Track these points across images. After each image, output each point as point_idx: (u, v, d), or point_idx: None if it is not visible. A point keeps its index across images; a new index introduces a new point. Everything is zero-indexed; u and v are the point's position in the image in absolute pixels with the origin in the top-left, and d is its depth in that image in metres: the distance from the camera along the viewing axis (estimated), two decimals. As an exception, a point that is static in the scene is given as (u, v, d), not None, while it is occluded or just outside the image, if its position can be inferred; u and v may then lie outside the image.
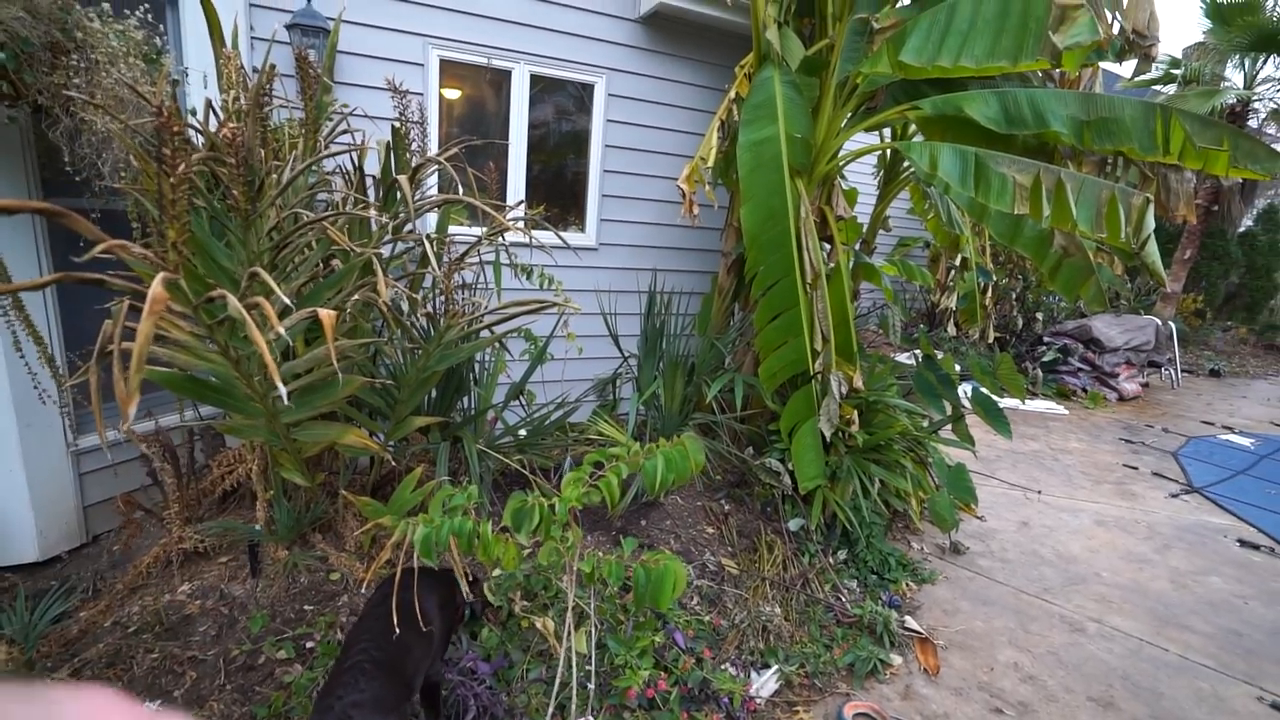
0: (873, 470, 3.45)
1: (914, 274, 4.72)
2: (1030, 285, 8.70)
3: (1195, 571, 3.83)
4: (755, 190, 3.28)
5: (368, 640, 1.69)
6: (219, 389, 2.14)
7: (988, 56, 2.82)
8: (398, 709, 1.61)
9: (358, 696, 1.54)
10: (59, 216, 1.29)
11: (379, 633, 1.71)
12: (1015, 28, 2.77)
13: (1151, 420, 7.15)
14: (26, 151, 2.41)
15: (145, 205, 2.19)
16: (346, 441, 2.38)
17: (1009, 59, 2.77)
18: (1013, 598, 3.42)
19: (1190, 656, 3.02)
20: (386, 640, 1.70)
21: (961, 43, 2.89)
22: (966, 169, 2.94)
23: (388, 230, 2.39)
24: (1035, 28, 2.72)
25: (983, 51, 2.84)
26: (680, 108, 4.53)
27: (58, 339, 2.64)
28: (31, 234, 2.49)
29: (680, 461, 1.55)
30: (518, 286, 3.47)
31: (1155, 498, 4.94)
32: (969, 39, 2.88)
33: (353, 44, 3.48)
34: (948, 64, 2.89)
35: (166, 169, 1.49)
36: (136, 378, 1.32)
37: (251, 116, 1.87)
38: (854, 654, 2.77)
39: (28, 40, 1.86)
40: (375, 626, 1.73)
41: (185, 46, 2.89)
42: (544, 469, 3.34)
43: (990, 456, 5.49)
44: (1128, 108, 2.81)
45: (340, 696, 1.54)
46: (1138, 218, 2.57)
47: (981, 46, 2.85)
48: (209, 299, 1.62)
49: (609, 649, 2.32)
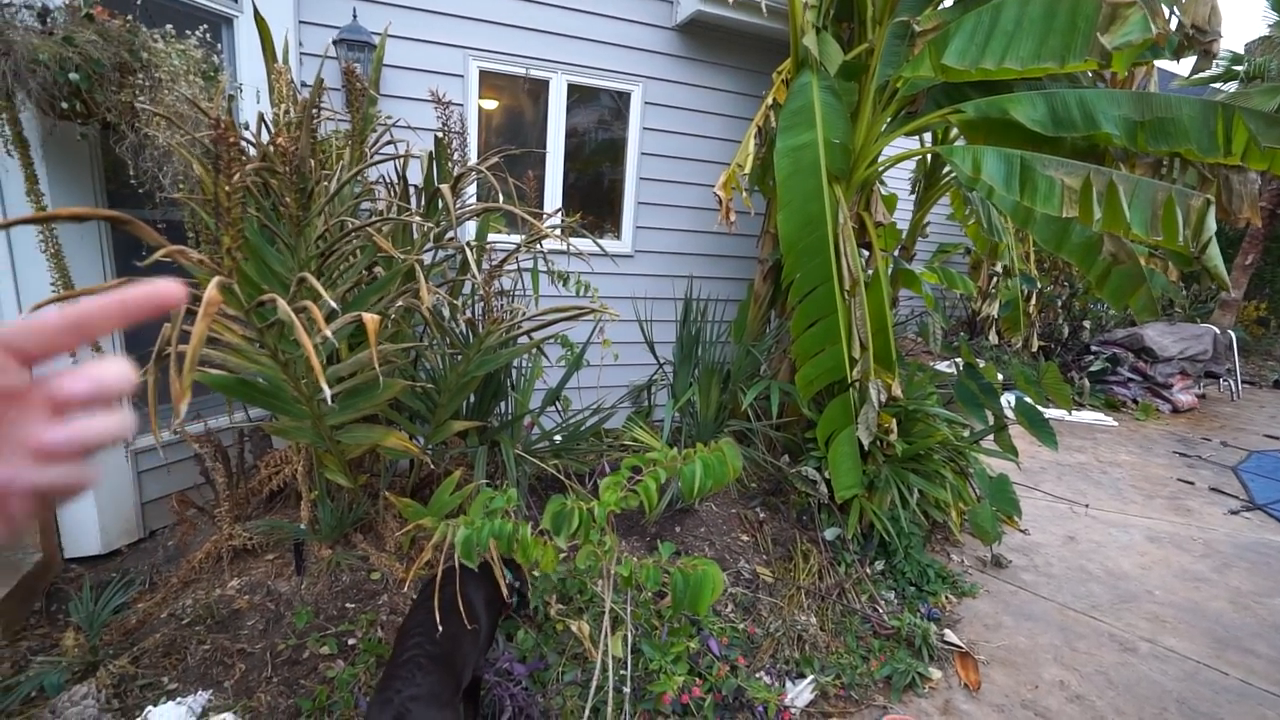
0: (911, 480, 3.38)
1: (954, 281, 4.62)
2: (1077, 293, 8.41)
3: (1258, 592, 3.64)
4: (793, 196, 3.25)
5: (420, 635, 1.74)
6: (267, 391, 2.22)
7: (1034, 58, 2.75)
8: (452, 703, 1.65)
9: (415, 690, 1.58)
10: (124, 224, 1.35)
11: (431, 627, 1.75)
12: (1063, 27, 2.70)
13: (1209, 433, 6.83)
14: (94, 165, 2.55)
15: (201, 215, 2.29)
16: (388, 444, 2.44)
17: (1056, 60, 2.70)
18: (1058, 614, 3.31)
19: (1253, 682, 2.87)
20: (439, 635, 1.74)
21: (1006, 44, 2.82)
22: (1011, 172, 2.86)
23: (429, 237, 2.45)
24: (1085, 27, 2.64)
25: (1029, 53, 2.77)
26: (717, 115, 4.53)
27: (119, 341, 2.77)
28: (97, 242, 2.63)
29: (719, 467, 1.55)
30: (555, 293, 3.51)
31: (1213, 514, 4.72)
32: (1014, 40, 2.81)
33: (395, 57, 3.58)
34: (992, 66, 2.83)
35: (223, 178, 1.56)
36: (189, 376, 1.38)
37: (305, 127, 1.94)
38: (891, 666, 2.71)
39: (99, 62, 1.97)
40: (427, 621, 1.77)
41: (239, 63, 3.02)
42: (579, 474, 3.36)
43: (1034, 468, 5.32)
44: (1185, 107, 2.70)
45: (399, 690, 1.59)
46: (1197, 220, 2.47)
47: (1028, 48, 2.78)
48: (260, 303, 1.69)
49: (644, 654, 2.32)
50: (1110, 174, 2.62)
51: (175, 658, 2.28)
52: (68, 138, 2.37)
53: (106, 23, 2.05)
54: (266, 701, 2.16)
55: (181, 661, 2.28)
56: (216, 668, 2.27)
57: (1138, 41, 2.55)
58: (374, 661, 2.31)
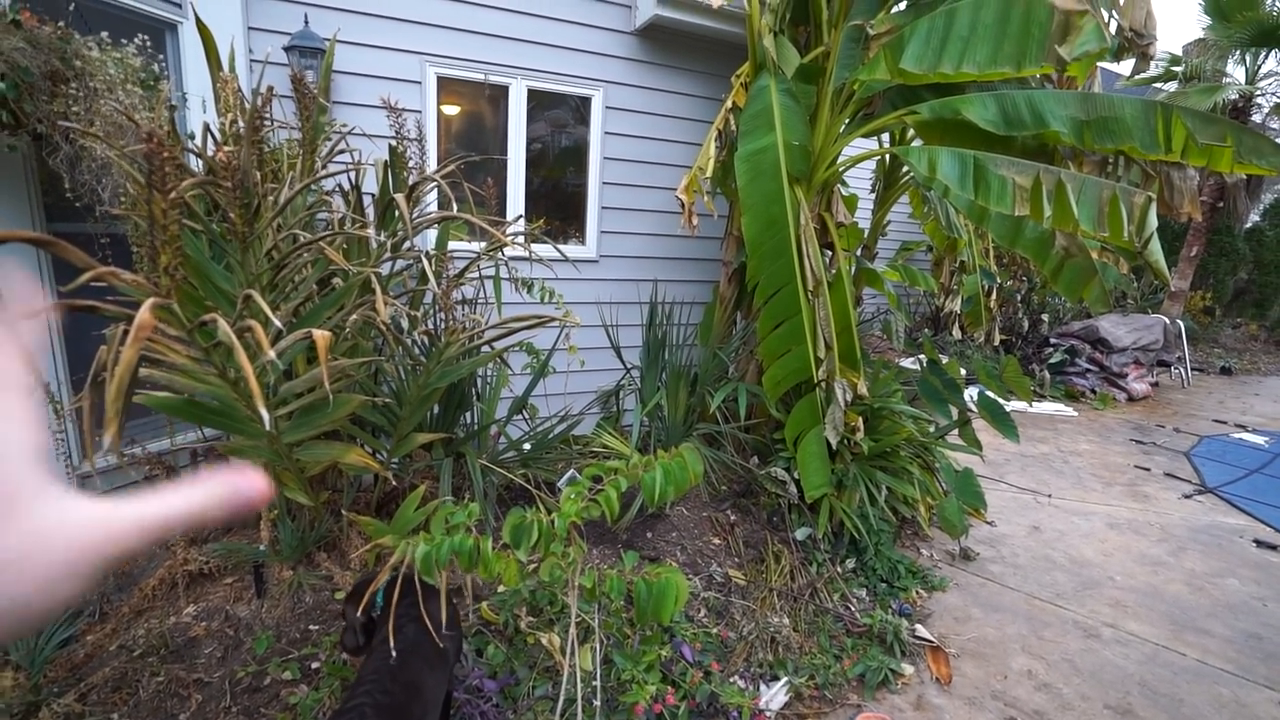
0: (879, 477, 3.42)
1: (916, 279, 4.70)
2: (1035, 287, 8.65)
3: (1212, 574, 3.77)
4: (754, 199, 3.27)
5: (373, 681, 1.55)
6: (219, 411, 2.14)
7: (990, 63, 2.82)
8: None
9: None
10: (48, 246, 1.29)
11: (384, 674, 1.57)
12: (1017, 34, 2.77)
13: (1162, 420, 7.07)
14: (29, 179, 2.44)
15: (144, 229, 2.20)
16: (348, 460, 2.38)
17: (1012, 65, 2.77)
18: (1025, 604, 3.38)
19: (1209, 661, 2.96)
20: (393, 681, 1.56)
21: (963, 49, 2.88)
22: (965, 172, 2.92)
23: (386, 249, 2.40)
24: (1038, 34, 2.72)
25: (985, 58, 2.83)
26: (678, 119, 4.54)
27: (61, 363, 2.65)
28: (35, 260, 2.51)
29: (679, 473, 1.54)
30: (519, 300, 3.47)
31: (1168, 499, 4.88)
32: (970, 45, 2.87)
33: (350, 63, 3.51)
34: (950, 70, 2.89)
35: (158, 194, 1.50)
36: (115, 404, 1.32)
37: (247, 140, 1.88)
38: (864, 664, 2.73)
39: (28, 70, 1.88)
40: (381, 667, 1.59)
41: (185, 71, 2.92)
42: (549, 483, 3.33)
43: (998, 460, 5.44)
44: (1128, 106, 2.79)
45: None
46: (1140, 216, 2.55)
47: (984, 53, 2.84)
48: (202, 322, 1.63)
49: (615, 664, 2.29)
50: (1059, 173, 2.70)
51: (126, 692, 2.18)
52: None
53: (35, 29, 1.96)
54: (225, 732, 2.08)
55: (133, 695, 2.18)
56: (171, 700, 2.18)
57: (1094, 51, 2.63)
58: (338, 685, 2.25)
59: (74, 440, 2.69)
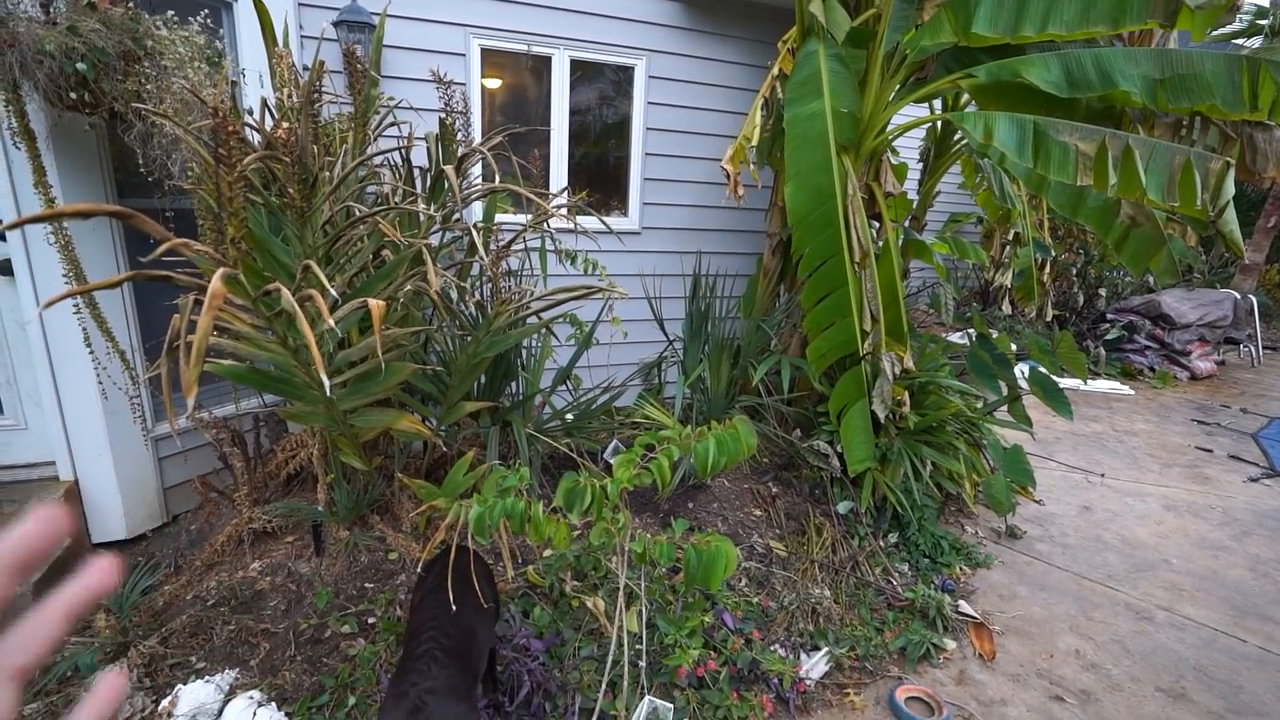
0: (924, 452, 3.37)
1: (966, 251, 4.55)
2: (1092, 260, 8.26)
3: (1278, 560, 3.61)
4: (801, 168, 3.21)
5: (434, 628, 1.70)
6: (279, 378, 2.24)
7: (1081, 21, 2.64)
8: (469, 696, 1.63)
9: (431, 683, 1.55)
10: (128, 218, 1.37)
11: (444, 620, 1.72)
12: None
13: (1228, 400, 6.73)
14: (103, 156, 2.56)
15: (210, 203, 2.30)
16: (400, 427, 2.46)
17: (1108, 23, 2.58)
18: (1074, 584, 3.31)
19: (1272, 649, 2.86)
20: (452, 626, 1.72)
21: (1048, 8, 2.71)
22: (1024, 138, 2.80)
23: (435, 221, 2.45)
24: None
25: (1074, 16, 2.66)
26: (722, 87, 4.45)
27: (135, 331, 2.81)
28: (108, 231, 2.65)
29: (732, 444, 1.55)
30: (562, 272, 3.50)
31: (1232, 482, 4.67)
32: (1055, 3, 2.69)
33: (396, 37, 3.54)
34: (1031, 33, 2.72)
35: (224, 168, 1.56)
36: (195, 370, 1.39)
37: (304, 114, 1.93)
38: (906, 638, 2.73)
39: (104, 50, 1.96)
40: (440, 614, 1.74)
41: (240, 48, 3.00)
42: (590, 452, 3.38)
43: (1048, 439, 5.29)
44: (1209, 62, 2.61)
45: (414, 683, 1.56)
46: (1216, 183, 2.41)
47: (1072, 11, 2.66)
48: (265, 292, 1.70)
49: (659, 628, 2.35)
50: (1126, 138, 2.56)
51: (202, 638, 2.35)
52: (75, 128, 2.38)
53: (108, 11, 2.04)
54: (291, 679, 2.22)
55: (208, 641, 2.34)
56: (242, 647, 2.33)
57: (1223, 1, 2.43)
58: (393, 640, 2.36)
59: (148, 405, 2.86)
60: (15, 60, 1.99)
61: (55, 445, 2.71)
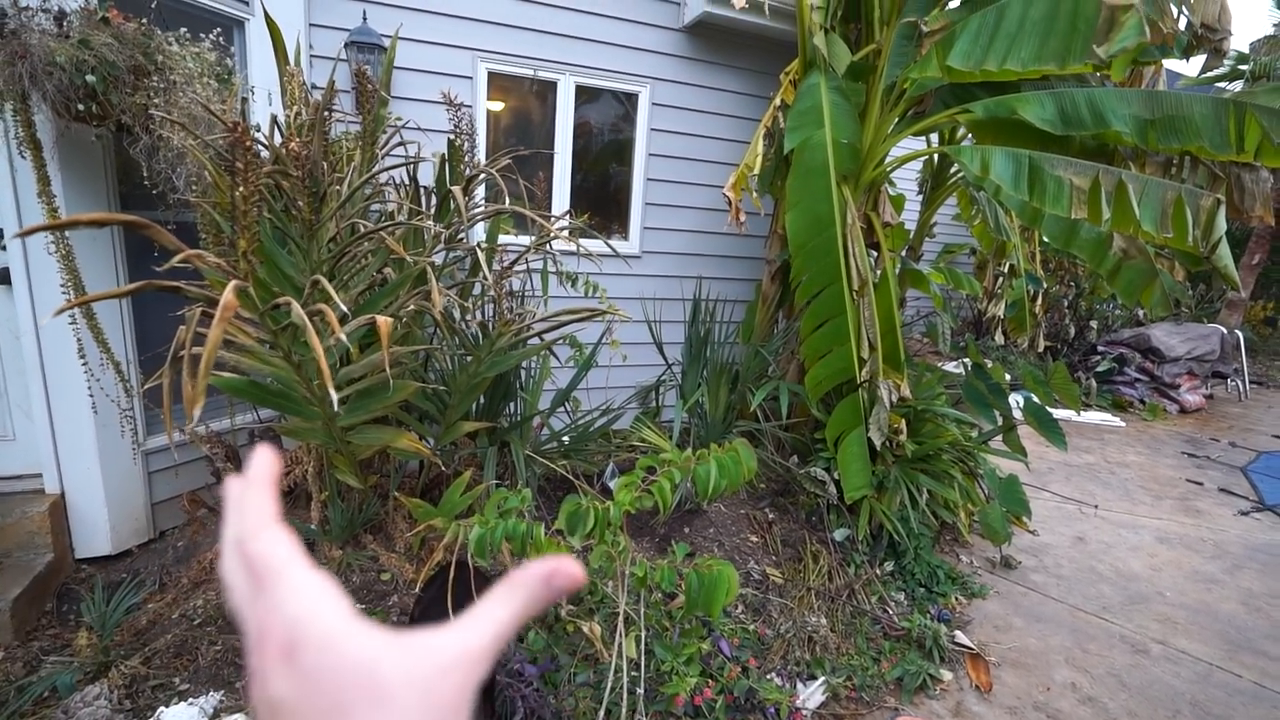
0: (921, 480, 3.37)
1: (961, 281, 4.61)
2: (1083, 292, 8.38)
3: (1271, 594, 3.62)
4: (801, 197, 3.25)
5: None
6: (279, 393, 2.22)
7: (1035, 59, 2.76)
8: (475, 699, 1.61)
9: None
10: (143, 228, 1.36)
11: None
12: (1064, 30, 2.70)
13: (1217, 433, 6.80)
14: (108, 168, 2.56)
15: (215, 217, 2.30)
16: (399, 445, 2.44)
17: (1056, 62, 2.70)
18: (1069, 615, 3.29)
19: (1267, 684, 2.85)
20: None
21: (1009, 46, 2.83)
22: (1020, 172, 2.86)
23: (440, 240, 2.46)
24: (1084, 29, 2.65)
25: (1029, 54, 2.77)
26: (725, 115, 4.53)
27: (131, 344, 2.78)
28: (109, 243, 2.64)
29: (733, 467, 1.55)
30: (563, 294, 3.51)
31: (1223, 515, 4.70)
32: (1017, 42, 2.82)
33: (405, 59, 3.59)
34: (994, 68, 2.84)
35: (239, 181, 1.57)
36: (203, 381, 1.38)
37: (317, 130, 1.95)
38: (903, 668, 2.70)
39: (115, 64, 1.98)
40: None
41: (250, 66, 3.03)
42: (588, 475, 3.36)
43: (1042, 469, 5.31)
44: (1197, 105, 2.70)
45: None
46: (1207, 219, 2.47)
47: (1029, 49, 2.78)
48: (274, 305, 1.69)
49: (655, 655, 2.31)
50: (1119, 173, 2.62)
51: (187, 658, 2.28)
52: (81, 140, 2.38)
53: (121, 26, 2.06)
54: (279, 702, 2.16)
55: (193, 662, 2.28)
56: (228, 668, 2.27)
57: (1132, 47, 2.55)
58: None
59: (140, 418, 2.82)
60: (25, 71, 2.00)
61: (43, 457, 2.66)
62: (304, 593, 0.29)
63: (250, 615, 0.30)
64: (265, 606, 0.29)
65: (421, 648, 0.29)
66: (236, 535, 0.32)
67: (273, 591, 0.29)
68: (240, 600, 0.30)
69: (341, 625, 0.28)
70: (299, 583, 0.29)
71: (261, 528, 0.31)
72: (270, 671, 0.27)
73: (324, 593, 0.29)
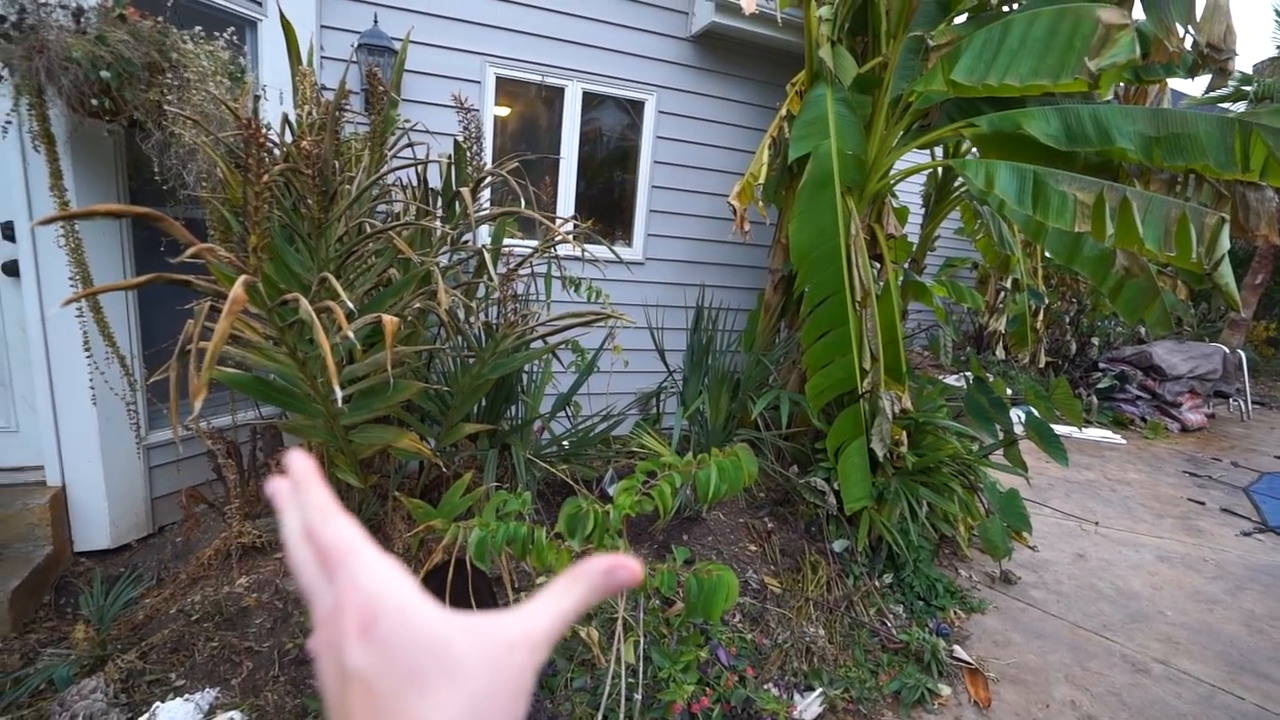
0: (921, 493, 3.36)
1: (963, 295, 4.62)
2: (1085, 309, 8.39)
3: (1273, 616, 3.60)
4: (805, 207, 3.27)
5: None
6: (282, 390, 2.22)
7: (1032, 75, 2.79)
8: None
9: None
10: (157, 221, 1.38)
11: None
12: (1061, 47, 2.74)
13: (1219, 453, 6.78)
14: (119, 162, 2.58)
15: (224, 214, 2.31)
16: (401, 445, 2.44)
17: (1050, 78, 2.74)
18: (1069, 632, 3.28)
19: (1270, 708, 2.83)
20: None
21: (1010, 61, 2.86)
22: (1024, 186, 2.87)
23: (447, 241, 2.47)
24: (1080, 46, 2.69)
25: (1028, 70, 2.81)
26: (730, 125, 4.56)
27: (136, 338, 2.79)
28: (118, 237, 2.65)
29: (733, 471, 1.55)
30: (566, 299, 3.52)
31: (1225, 535, 4.67)
32: (1017, 57, 2.85)
33: (414, 63, 3.62)
34: (995, 82, 2.86)
35: (251, 178, 1.58)
36: (208, 372, 1.39)
37: (330, 129, 1.97)
38: (900, 681, 2.69)
39: (130, 61, 2.00)
40: None
41: (262, 66, 3.06)
42: (587, 480, 3.36)
43: (1042, 485, 5.29)
44: (1202, 123, 2.71)
45: None
46: (1211, 237, 2.47)
47: (1027, 65, 2.81)
48: (283, 301, 1.70)
49: (653, 662, 2.30)
50: (1124, 190, 2.63)
51: (183, 654, 2.28)
52: (93, 134, 2.40)
53: (138, 23, 2.09)
54: (273, 700, 2.16)
55: (189, 658, 2.27)
56: (224, 665, 2.26)
57: (1122, 62, 2.58)
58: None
59: (144, 412, 2.83)
60: (42, 65, 2.02)
61: (45, 449, 2.67)
62: (377, 571, 0.31)
63: (322, 597, 0.31)
64: (341, 585, 0.30)
65: (490, 627, 0.30)
66: (304, 526, 0.34)
67: (347, 571, 0.31)
68: (310, 585, 0.32)
69: (415, 601, 0.30)
70: (371, 562, 0.31)
71: (328, 516, 0.33)
72: (348, 643, 0.29)
73: (395, 572, 0.31)
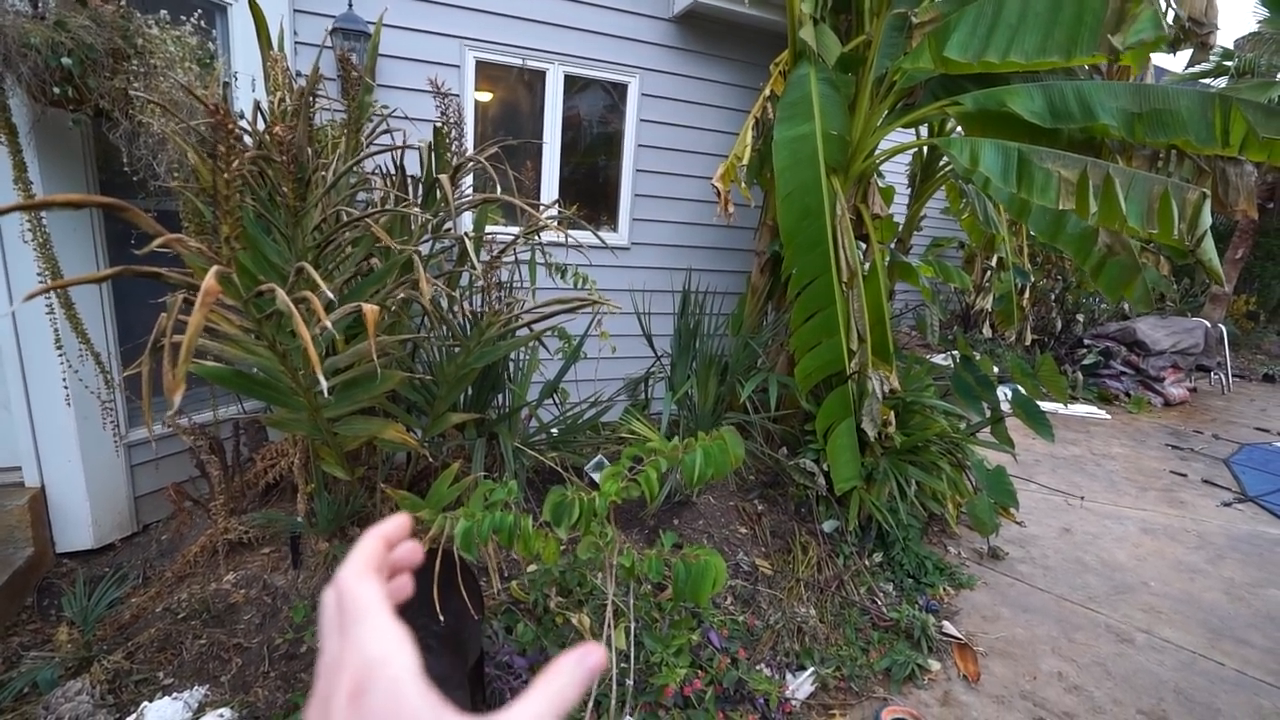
0: (909, 472, 3.39)
1: (950, 274, 4.62)
2: (1070, 286, 8.45)
3: (1252, 584, 3.67)
4: (791, 188, 3.24)
5: (425, 616, 1.66)
6: (264, 383, 2.19)
7: (1039, 52, 2.75)
8: (463, 684, 1.61)
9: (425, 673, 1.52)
10: (121, 210, 1.33)
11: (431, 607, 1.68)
12: (1069, 21, 2.69)
13: (1200, 426, 6.89)
14: (87, 154, 2.51)
15: (197, 204, 2.26)
16: (386, 436, 2.41)
17: (1061, 54, 2.70)
18: (1055, 605, 3.33)
19: (1249, 672, 2.89)
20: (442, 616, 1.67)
21: (1011, 37, 2.82)
22: (1009, 164, 2.87)
23: (427, 228, 2.43)
24: (1091, 21, 2.65)
25: (1033, 46, 2.77)
26: (714, 106, 4.51)
27: (113, 334, 2.73)
28: (89, 230, 2.59)
29: (719, 455, 1.54)
30: (551, 285, 3.49)
31: (1206, 506, 4.76)
32: (1019, 33, 2.81)
33: (391, 47, 3.54)
34: (996, 59, 2.83)
35: (221, 166, 1.54)
36: (183, 368, 1.35)
37: (303, 115, 1.91)
38: (891, 658, 2.72)
39: (92, 47, 1.93)
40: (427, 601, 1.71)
41: (234, 51, 2.98)
42: (576, 467, 3.35)
43: (1028, 461, 5.35)
44: (1183, 99, 2.71)
45: None
46: (1193, 213, 2.48)
47: (1032, 41, 2.77)
48: (258, 293, 1.66)
49: (645, 646, 2.31)
50: (1107, 167, 2.63)
51: (170, 652, 2.26)
52: (58, 125, 2.33)
53: (100, 8, 2.01)
54: (264, 696, 2.14)
55: (177, 656, 2.25)
56: (213, 662, 2.25)
57: (1150, 40, 2.55)
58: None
59: (122, 410, 2.78)
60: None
61: (22, 450, 2.62)
62: (383, 638, 0.32)
63: (332, 644, 0.33)
64: (347, 642, 0.32)
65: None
66: (337, 576, 0.36)
67: (357, 629, 0.32)
68: (328, 627, 0.34)
69: (410, 680, 0.30)
70: (381, 627, 0.32)
71: (364, 572, 0.36)
72: (337, 704, 0.30)
73: (400, 643, 0.32)
